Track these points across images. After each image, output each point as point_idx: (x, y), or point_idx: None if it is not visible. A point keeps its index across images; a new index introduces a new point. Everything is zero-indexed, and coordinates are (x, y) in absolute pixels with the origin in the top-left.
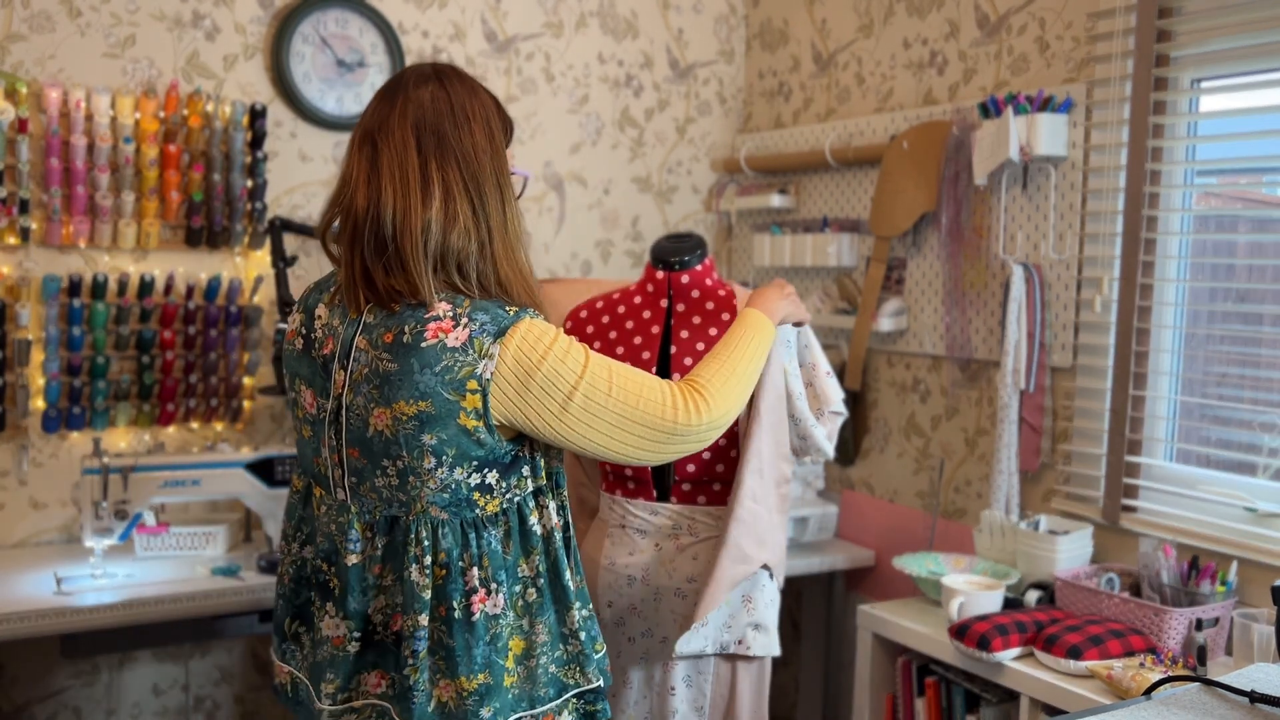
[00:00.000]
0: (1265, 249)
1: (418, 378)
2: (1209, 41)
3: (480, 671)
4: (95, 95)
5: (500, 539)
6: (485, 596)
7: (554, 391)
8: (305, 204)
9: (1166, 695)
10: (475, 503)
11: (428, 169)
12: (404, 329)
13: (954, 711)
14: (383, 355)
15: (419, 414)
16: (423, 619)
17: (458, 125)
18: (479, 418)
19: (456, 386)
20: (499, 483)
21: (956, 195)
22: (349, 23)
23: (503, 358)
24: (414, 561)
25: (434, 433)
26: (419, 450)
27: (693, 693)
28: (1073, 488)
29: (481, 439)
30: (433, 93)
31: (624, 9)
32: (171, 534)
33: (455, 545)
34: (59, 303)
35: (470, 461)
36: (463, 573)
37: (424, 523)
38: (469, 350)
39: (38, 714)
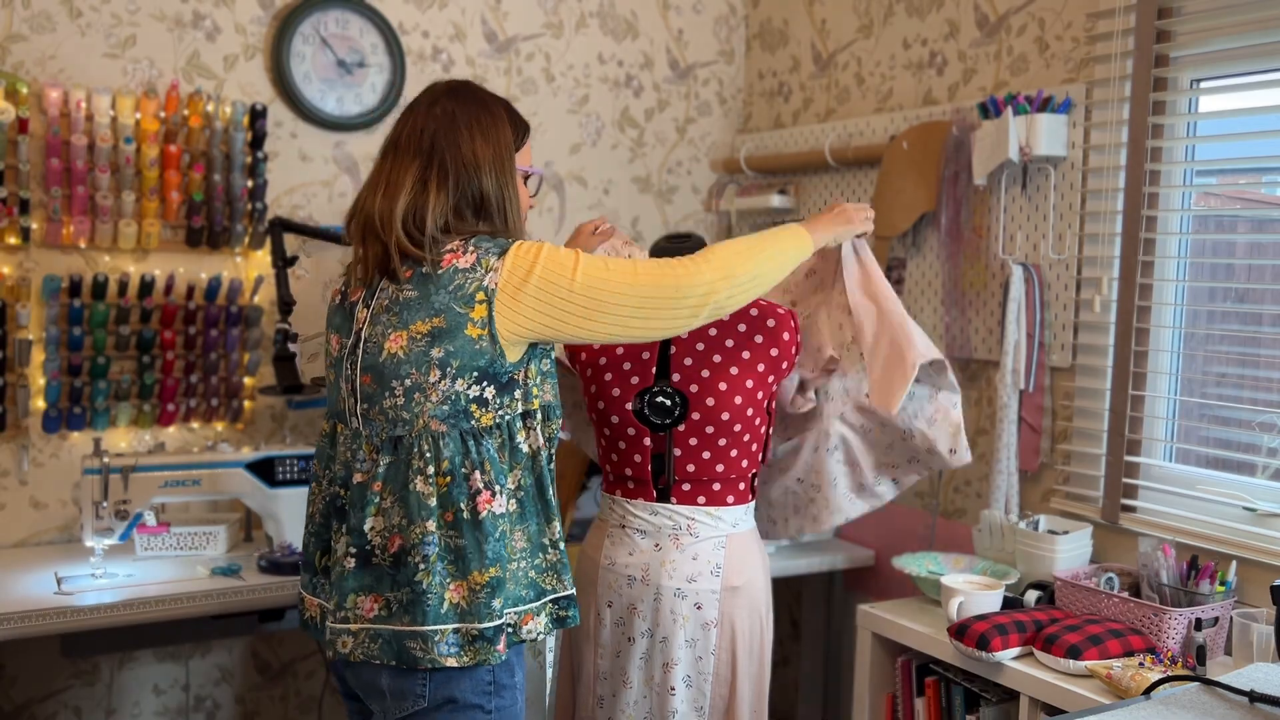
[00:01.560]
0: (1264, 249)
1: (434, 298)
2: (1209, 41)
3: (492, 565)
4: (96, 95)
5: (497, 448)
6: (490, 498)
7: (555, 286)
8: (305, 204)
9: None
10: (472, 414)
11: (425, 174)
12: (421, 264)
13: (954, 711)
14: (404, 287)
15: (431, 330)
16: (430, 525)
17: (459, 137)
18: (484, 326)
19: (466, 300)
20: (495, 398)
21: (956, 195)
22: (349, 23)
23: (505, 268)
24: (417, 474)
25: (442, 345)
26: (426, 364)
27: (693, 693)
28: (1072, 487)
29: (483, 348)
30: (444, 107)
31: (624, 9)
32: (172, 534)
33: (457, 453)
34: (59, 303)
35: (471, 373)
36: (466, 478)
37: (425, 437)
38: (477, 268)
39: (38, 714)
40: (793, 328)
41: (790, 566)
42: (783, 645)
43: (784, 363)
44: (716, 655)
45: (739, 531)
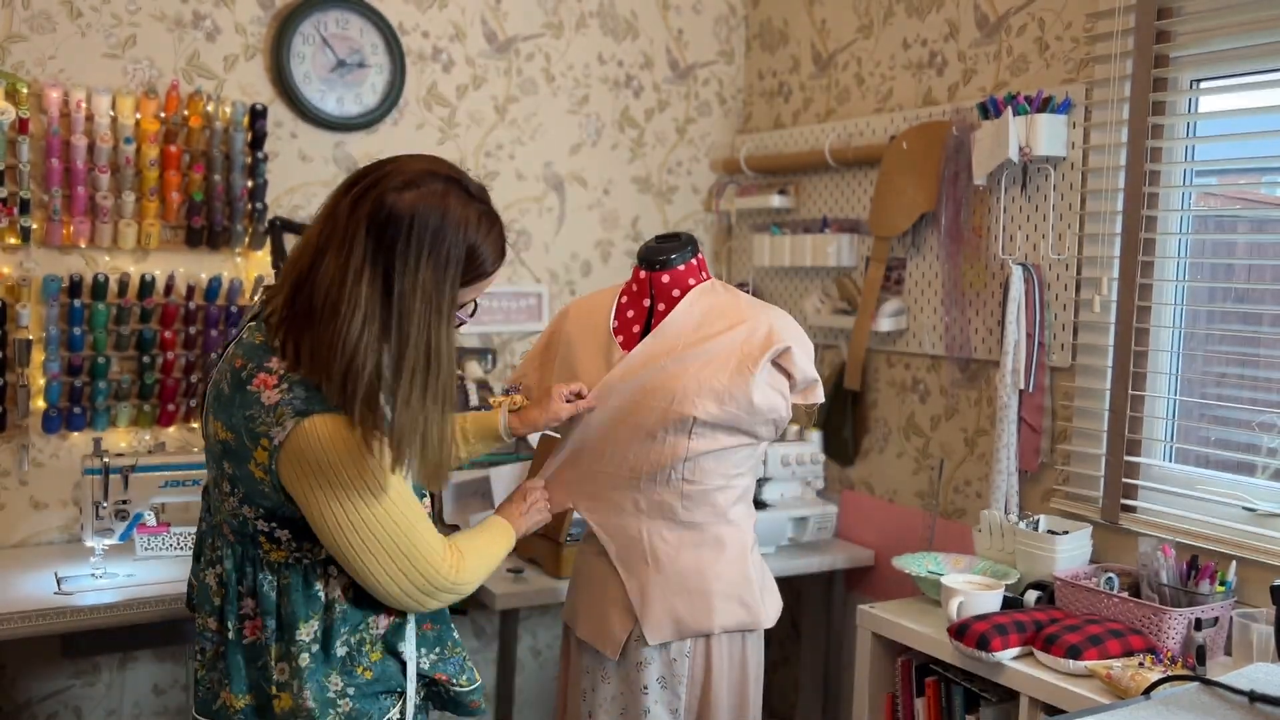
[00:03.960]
0: (1264, 249)
1: (234, 410)
2: (1208, 42)
3: (246, 693)
4: (96, 95)
5: (275, 588)
6: (259, 626)
7: (336, 489)
8: (305, 204)
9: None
10: (260, 544)
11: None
12: (248, 364)
13: (953, 711)
14: (228, 374)
15: (224, 441)
16: (211, 622)
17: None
18: (266, 473)
19: (253, 437)
20: (288, 540)
21: (956, 195)
22: (349, 23)
23: (293, 436)
24: (209, 565)
25: (231, 463)
26: (219, 472)
27: (667, 694)
28: (1072, 487)
29: (267, 492)
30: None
31: (624, 9)
32: (172, 534)
33: (233, 570)
34: (59, 303)
35: (258, 507)
36: (239, 598)
37: (219, 534)
38: (272, 413)
39: (38, 714)
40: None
41: (790, 566)
42: (783, 645)
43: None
44: (690, 658)
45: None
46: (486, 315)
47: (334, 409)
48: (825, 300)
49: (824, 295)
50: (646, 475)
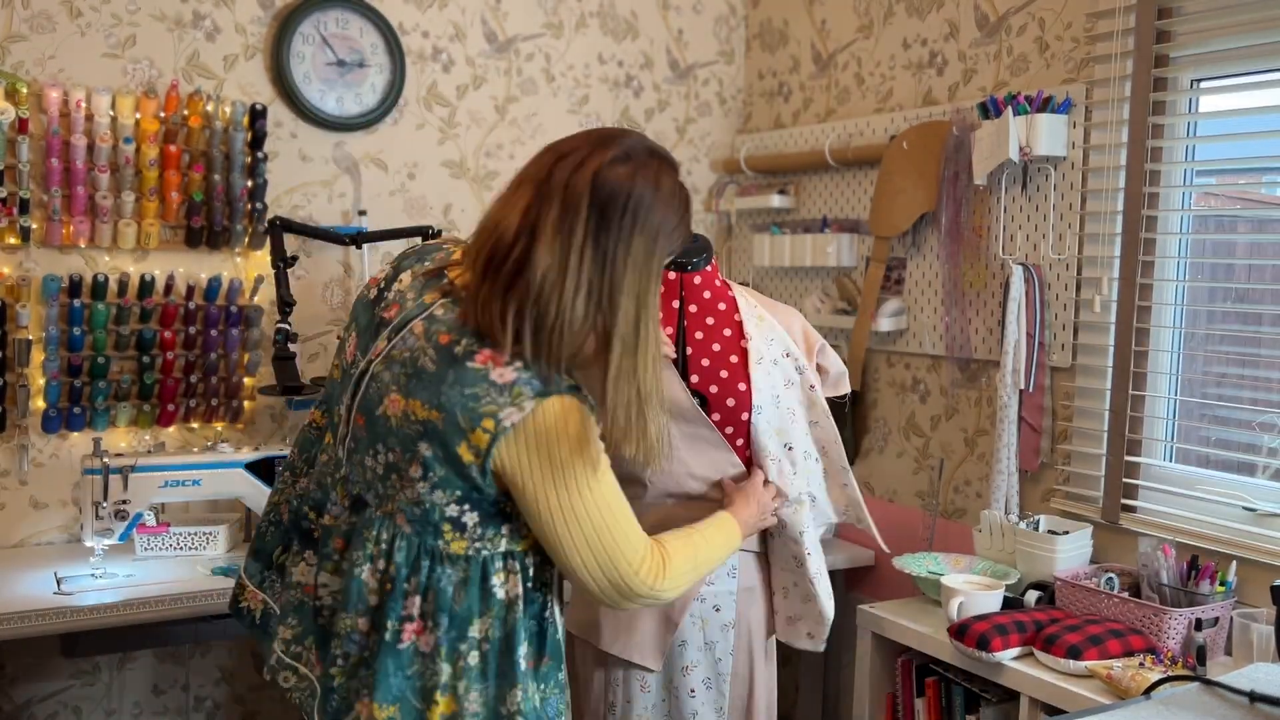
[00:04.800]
0: (1264, 249)
1: (446, 388)
2: (1209, 41)
3: (392, 704)
4: (95, 95)
5: (454, 583)
6: (420, 630)
7: (560, 474)
8: (305, 204)
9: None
10: (442, 533)
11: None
12: (460, 340)
13: (954, 711)
14: (430, 351)
15: (427, 420)
16: (362, 623)
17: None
18: (477, 455)
19: (473, 418)
20: (474, 527)
21: (956, 195)
22: (349, 23)
23: (530, 417)
24: (367, 560)
25: (432, 445)
26: (411, 455)
27: (713, 694)
28: (1072, 487)
29: (471, 475)
30: (628, 177)
31: (624, 9)
32: (171, 534)
33: (405, 564)
34: (59, 303)
35: (454, 490)
36: (405, 595)
37: (387, 525)
38: (506, 392)
39: (38, 714)
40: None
41: None
42: (783, 645)
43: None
44: (735, 656)
45: None
46: None
47: (566, 390)
48: (825, 300)
49: (824, 295)
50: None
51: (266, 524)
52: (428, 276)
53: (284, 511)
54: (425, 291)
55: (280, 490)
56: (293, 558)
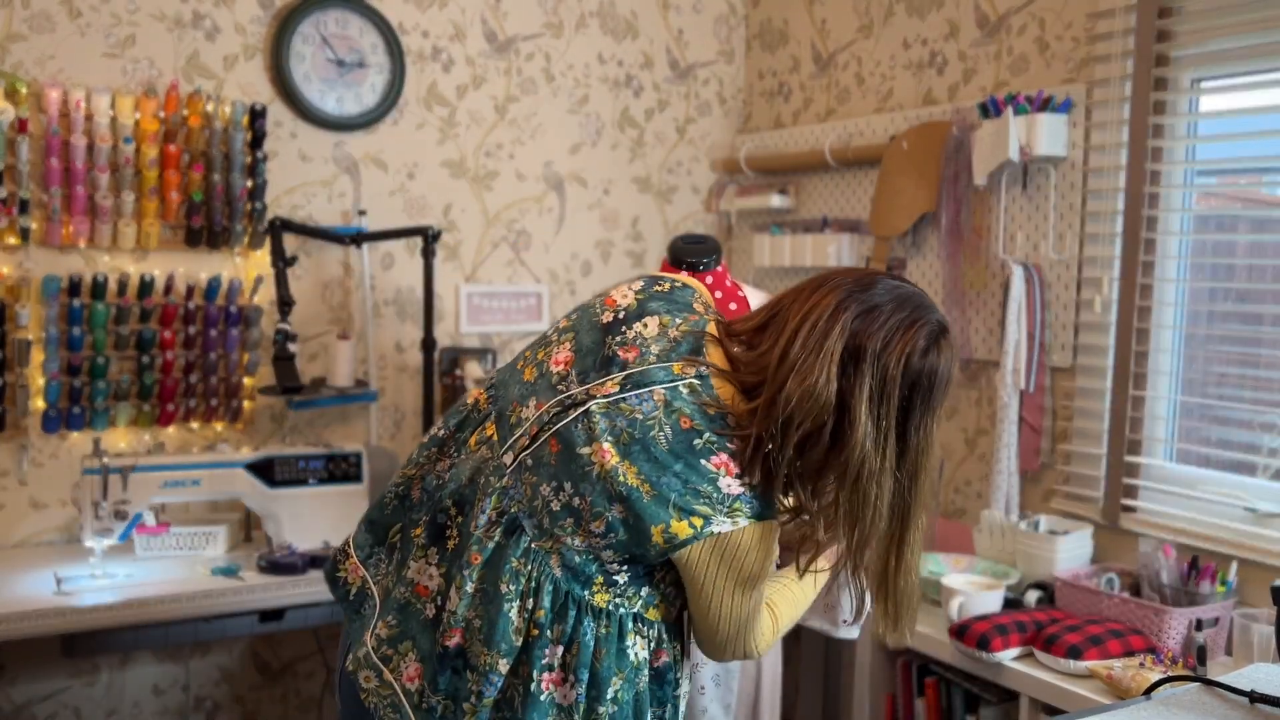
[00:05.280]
0: (1265, 249)
1: (670, 475)
2: (1209, 41)
3: None
4: (95, 95)
5: (597, 637)
6: (559, 681)
7: (738, 583)
8: (305, 204)
9: (1166, 695)
10: (593, 583)
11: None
12: (703, 434)
13: (954, 711)
14: (667, 429)
15: (635, 488)
16: (503, 665)
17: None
18: (668, 542)
19: (684, 510)
20: (624, 585)
21: (956, 195)
22: (349, 23)
23: (737, 533)
24: (516, 598)
25: (626, 512)
26: (600, 511)
27: (721, 690)
28: (1072, 488)
29: (649, 555)
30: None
31: (624, 9)
32: (171, 534)
33: (551, 610)
34: (59, 303)
35: (623, 554)
36: (550, 644)
37: (539, 561)
38: (726, 502)
39: (38, 714)
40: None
41: None
42: (783, 645)
43: None
44: None
45: None
46: (486, 315)
47: (774, 517)
48: None
49: None
50: None
51: (392, 494)
52: (682, 340)
53: (415, 488)
54: (674, 358)
55: (418, 464)
56: (416, 553)
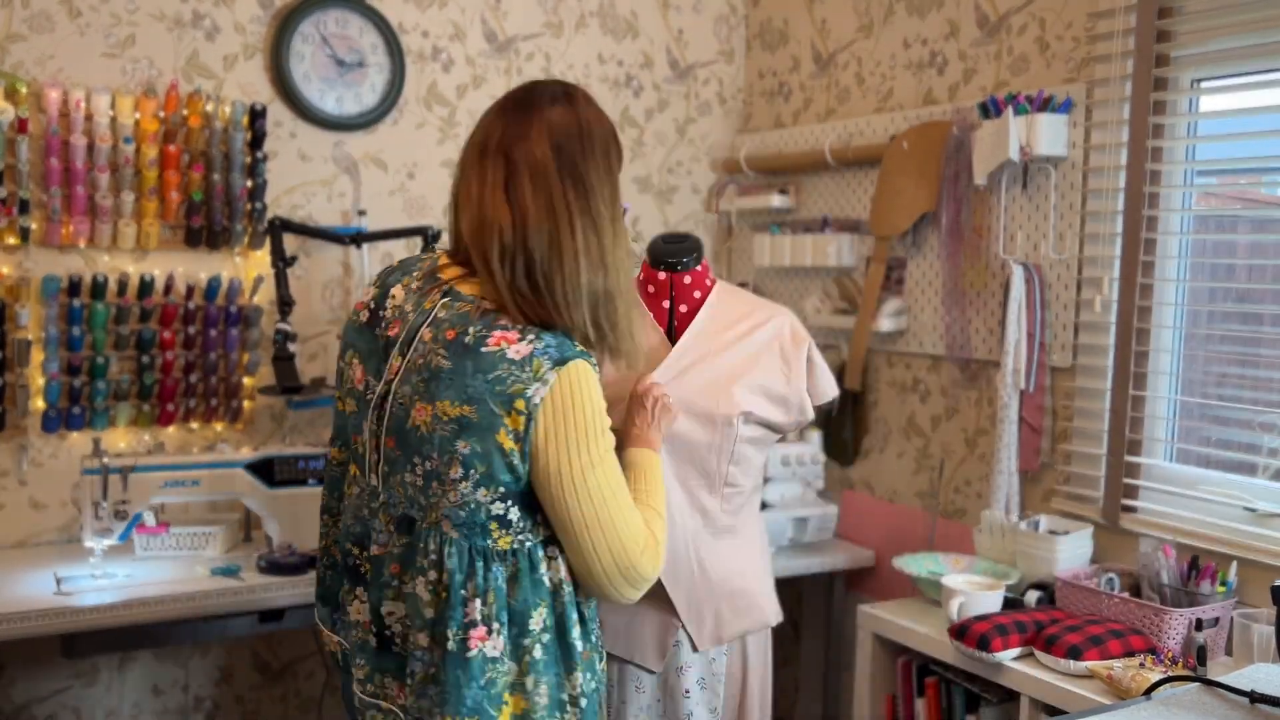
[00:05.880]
0: (1265, 249)
1: (469, 380)
2: (1209, 41)
3: (468, 716)
4: (95, 95)
5: (506, 578)
6: (485, 635)
7: (578, 444)
8: (305, 204)
9: (1166, 695)
10: (490, 531)
11: (568, 197)
12: (468, 329)
13: (954, 712)
14: (440, 350)
15: (460, 417)
16: (422, 638)
17: (588, 153)
18: (517, 440)
19: (505, 400)
20: (518, 520)
21: (956, 195)
22: (349, 23)
23: (555, 386)
24: (419, 575)
25: (469, 441)
26: (450, 456)
27: (707, 695)
28: (1072, 488)
29: (514, 464)
30: (563, 113)
31: (624, 9)
32: (171, 534)
33: (460, 570)
34: (59, 303)
35: (496, 486)
36: (464, 602)
37: (434, 535)
38: (526, 367)
39: (38, 714)
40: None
41: (790, 566)
42: (783, 645)
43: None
44: (728, 656)
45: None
46: None
47: (582, 354)
48: (825, 300)
49: (824, 295)
50: (693, 483)
51: (323, 568)
52: (421, 283)
53: (335, 553)
54: (424, 299)
55: (325, 534)
56: (347, 598)
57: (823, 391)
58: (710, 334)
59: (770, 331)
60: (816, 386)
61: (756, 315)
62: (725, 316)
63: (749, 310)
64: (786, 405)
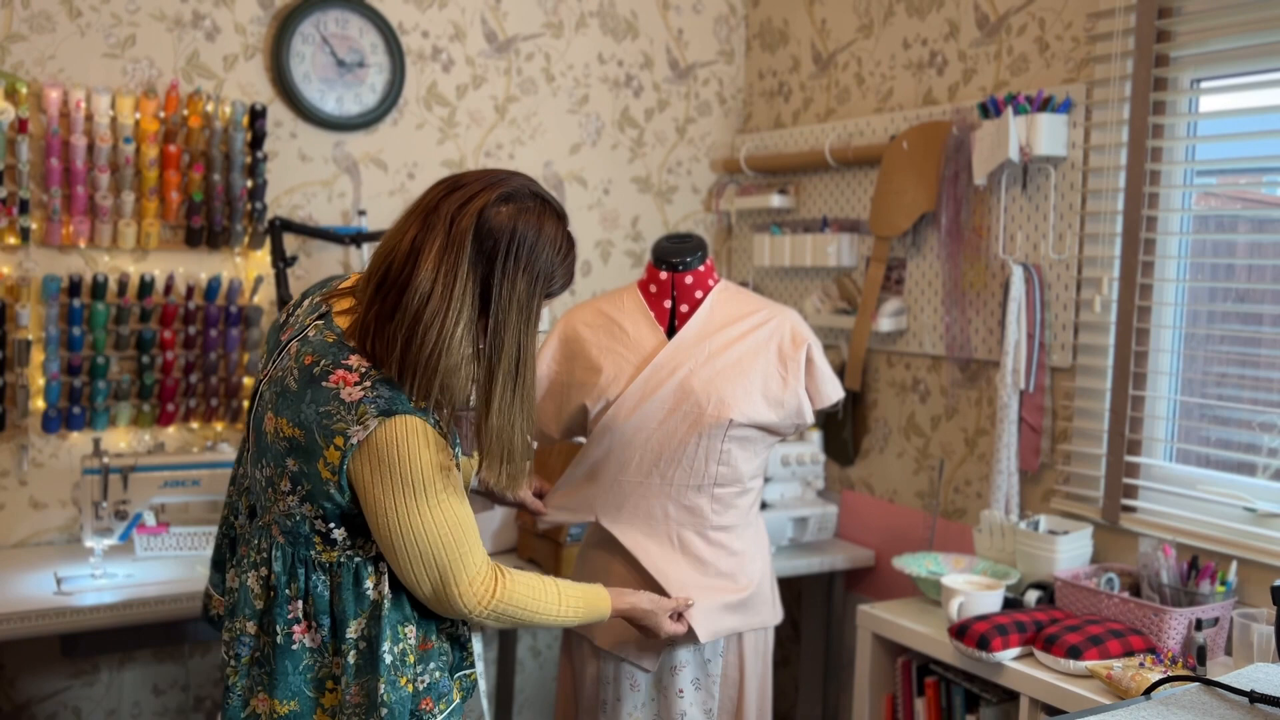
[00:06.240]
0: (1265, 249)
1: (304, 407)
2: (1209, 41)
3: (291, 699)
4: (95, 95)
5: (329, 588)
6: (306, 630)
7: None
8: (305, 204)
9: (1166, 695)
10: (313, 544)
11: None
12: (320, 361)
13: (954, 711)
14: (294, 371)
15: (291, 438)
16: (250, 626)
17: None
18: (334, 473)
19: (326, 435)
20: (344, 540)
21: (956, 195)
22: (349, 23)
23: (376, 434)
24: (252, 568)
25: (298, 461)
26: (282, 469)
27: (701, 695)
28: (1072, 488)
29: (332, 493)
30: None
31: (624, 9)
32: (171, 534)
33: (283, 573)
34: (59, 303)
35: (319, 506)
36: (289, 600)
37: (265, 535)
38: (352, 410)
39: (38, 714)
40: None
41: (790, 566)
42: (783, 645)
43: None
44: (724, 657)
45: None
46: None
47: (415, 411)
48: (825, 300)
49: (824, 295)
50: (680, 482)
51: (220, 534)
52: (320, 301)
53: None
54: (310, 314)
55: (227, 503)
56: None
57: (825, 395)
58: (706, 334)
59: (768, 332)
60: (817, 390)
61: (757, 315)
62: (724, 316)
63: (750, 310)
64: (782, 407)
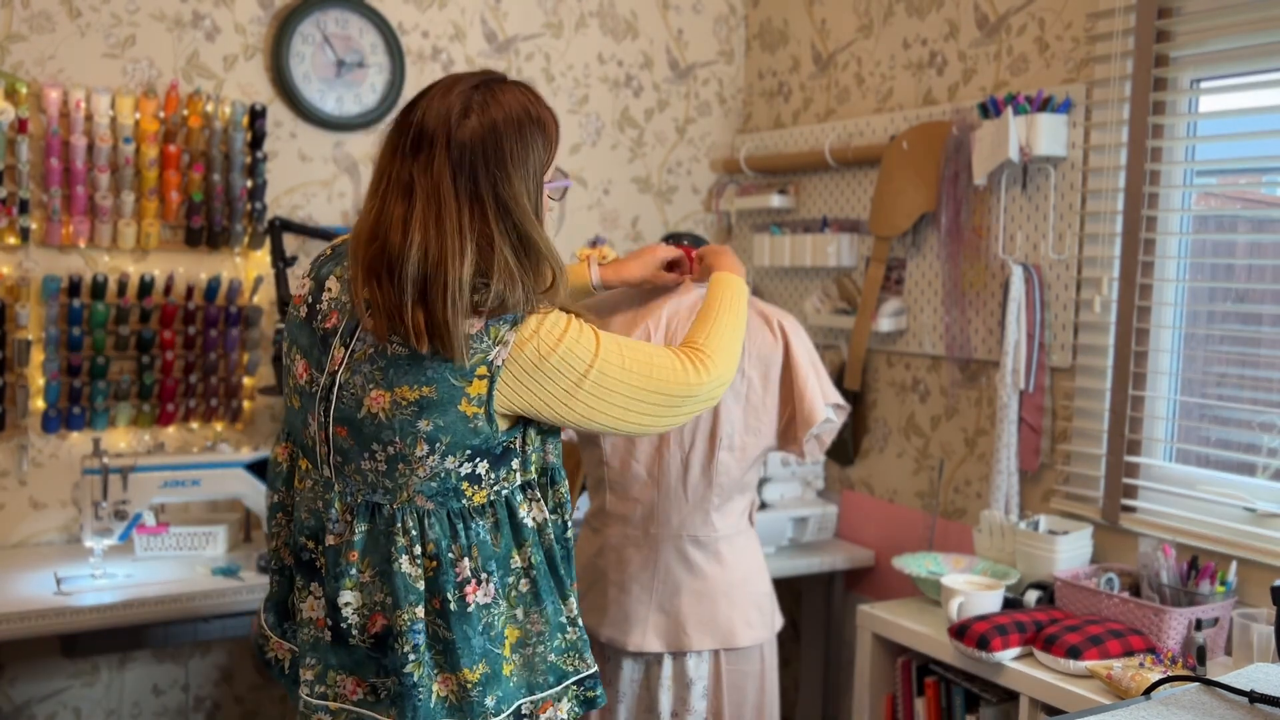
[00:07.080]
0: (1265, 249)
1: (426, 364)
2: (1209, 41)
3: (479, 661)
4: (95, 95)
5: (489, 529)
6: (477, 586)
7: (568, 372)
8: (305, 204)
9: (1166, 695)
10: (463, 493)
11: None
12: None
13: (954, 711)
14: (393, 339)
15: (420, 399)
16: (419, 611)
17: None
18: (480, 404)
19: (464, 373)
20: (488, 474)
21: (956, 195)
22: (349, 23)
23: (518, 344)
24: (403, 552)
25: (431, 418)
26: (413, 436)
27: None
28: (1072, 488)
29: (478, 426)
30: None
31: (624, 9)
32: (171, 534)
33: (444, 536)
34: (59, 303)
35: (463, 450)
36: (453, 564)
37: (410, 512)
38: (484, 337)
39: (38, 714)
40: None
41: (790, 566)
42: (783, 645)
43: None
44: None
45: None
46: None
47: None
48: (825, 300)
49: (824, 295)
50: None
51: (272, 571)
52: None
53: (285, 554)
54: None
55: (276, 534)
56: (300, 595)
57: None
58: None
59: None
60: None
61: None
62: None
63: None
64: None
